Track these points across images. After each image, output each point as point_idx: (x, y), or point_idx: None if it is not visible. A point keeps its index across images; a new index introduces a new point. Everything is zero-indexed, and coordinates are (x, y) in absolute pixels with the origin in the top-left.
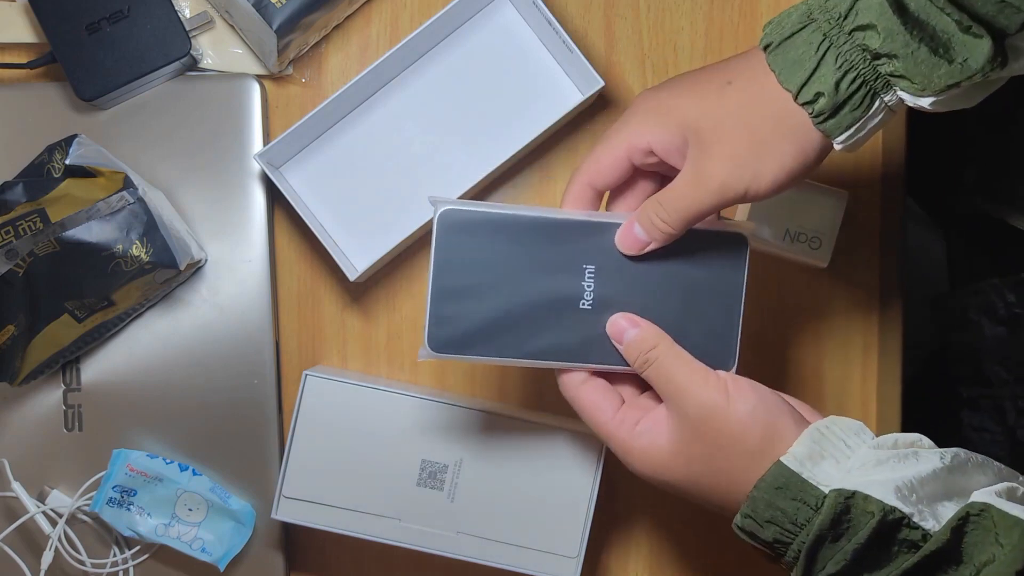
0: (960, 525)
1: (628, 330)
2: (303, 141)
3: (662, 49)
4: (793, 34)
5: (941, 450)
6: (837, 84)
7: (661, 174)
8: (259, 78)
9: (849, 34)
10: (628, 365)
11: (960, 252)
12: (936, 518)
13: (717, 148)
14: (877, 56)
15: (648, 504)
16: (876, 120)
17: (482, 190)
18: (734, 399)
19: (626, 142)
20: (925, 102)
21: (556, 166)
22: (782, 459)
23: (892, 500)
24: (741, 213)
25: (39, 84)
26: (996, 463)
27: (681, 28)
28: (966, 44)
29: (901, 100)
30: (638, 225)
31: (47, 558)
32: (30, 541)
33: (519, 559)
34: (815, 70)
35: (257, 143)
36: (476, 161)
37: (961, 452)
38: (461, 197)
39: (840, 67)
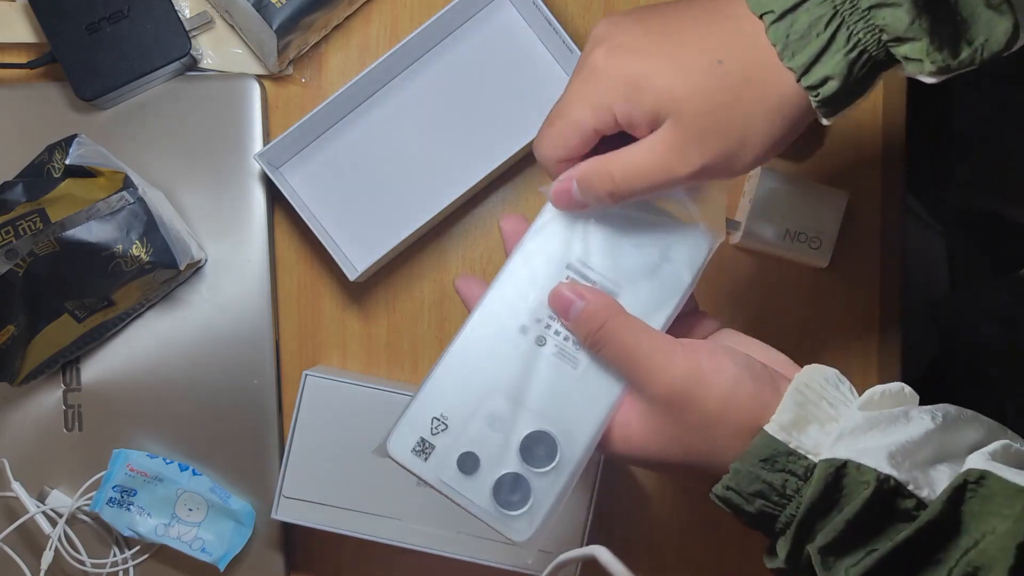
0: (957, 494)
1: (575, 303)
2: (303, 141)
3: None
4: (796, 4)
5: (931, 408)
6: (851, 67)
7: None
8: (259, 78)
9: (865, 11)
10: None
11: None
12: (931, 486)
13: (701, 137)
14: (895, 39)
15: (648, 503)
16: (869, 95)
17: (482, 190)
18: (709, 378)
19: (593, 119)
20: (929, 79)
21: None
22: (766, 428)
23: (886, 468)
24: (740, 214)
25: (39, 84)
26: (984, 417)
27: None
28: (989, 22)
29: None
30: (577, 186)
31: (47, 558)
32: (30, 541)
33: (519, 559)
34: (824, 50)
35: (257, 143)
36: (476, 161)
37: (951, 409)
38: (461, 197)
39: (853, 48)
